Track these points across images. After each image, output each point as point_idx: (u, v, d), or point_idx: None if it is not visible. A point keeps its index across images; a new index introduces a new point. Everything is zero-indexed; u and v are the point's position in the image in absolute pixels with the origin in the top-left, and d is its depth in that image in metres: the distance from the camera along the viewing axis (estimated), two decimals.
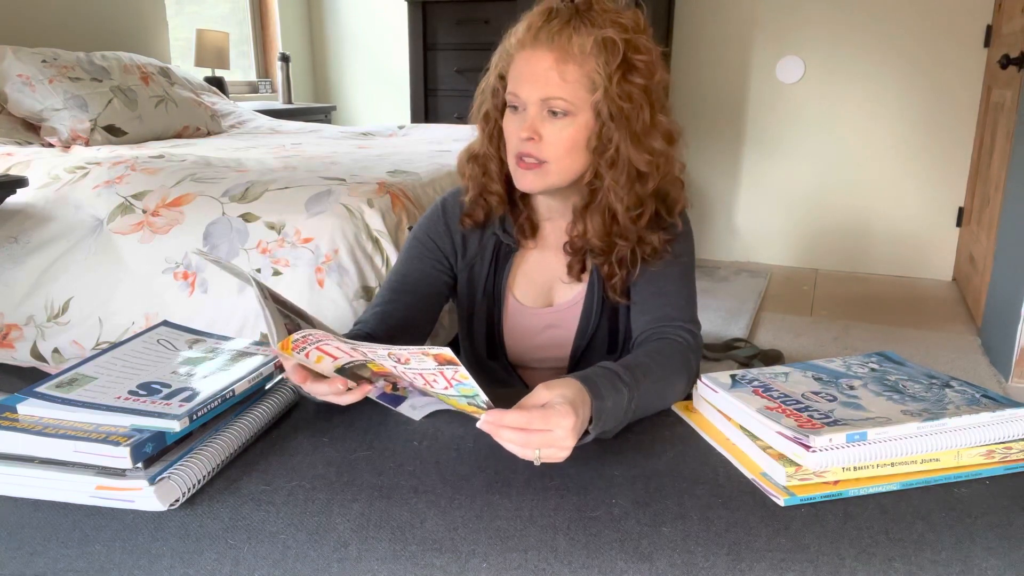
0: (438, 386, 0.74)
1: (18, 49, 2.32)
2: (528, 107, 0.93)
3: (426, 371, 0.71)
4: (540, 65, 0.91)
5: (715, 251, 3.68)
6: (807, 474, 0.70)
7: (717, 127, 3.51)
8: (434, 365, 0.69)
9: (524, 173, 0.95)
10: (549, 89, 0.91)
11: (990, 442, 0.74)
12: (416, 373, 0.73)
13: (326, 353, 0.74)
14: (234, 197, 1.56)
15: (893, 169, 3.29)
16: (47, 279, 1.60)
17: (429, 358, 0.68)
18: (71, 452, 0.69)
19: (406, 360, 0.70)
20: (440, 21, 3.23)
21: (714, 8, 3.38)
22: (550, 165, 0.94)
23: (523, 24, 0.95)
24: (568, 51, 0.90)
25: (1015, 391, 2.13)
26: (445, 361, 0.68)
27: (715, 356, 2.35)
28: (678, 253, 1.02)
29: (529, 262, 1.09)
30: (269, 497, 0.71)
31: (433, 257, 1.08)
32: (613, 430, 0.80)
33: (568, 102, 0.91)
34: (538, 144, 0.93)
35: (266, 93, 3.97)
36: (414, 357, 0.69)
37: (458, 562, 0.62)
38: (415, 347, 0.68)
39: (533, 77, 0.91)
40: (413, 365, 0.71)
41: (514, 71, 0.94)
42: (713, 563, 0.62)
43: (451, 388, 0.73)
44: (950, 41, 3.08)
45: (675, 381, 0.90)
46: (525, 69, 0.92)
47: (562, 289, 1.08)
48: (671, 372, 0.90)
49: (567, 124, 0.92)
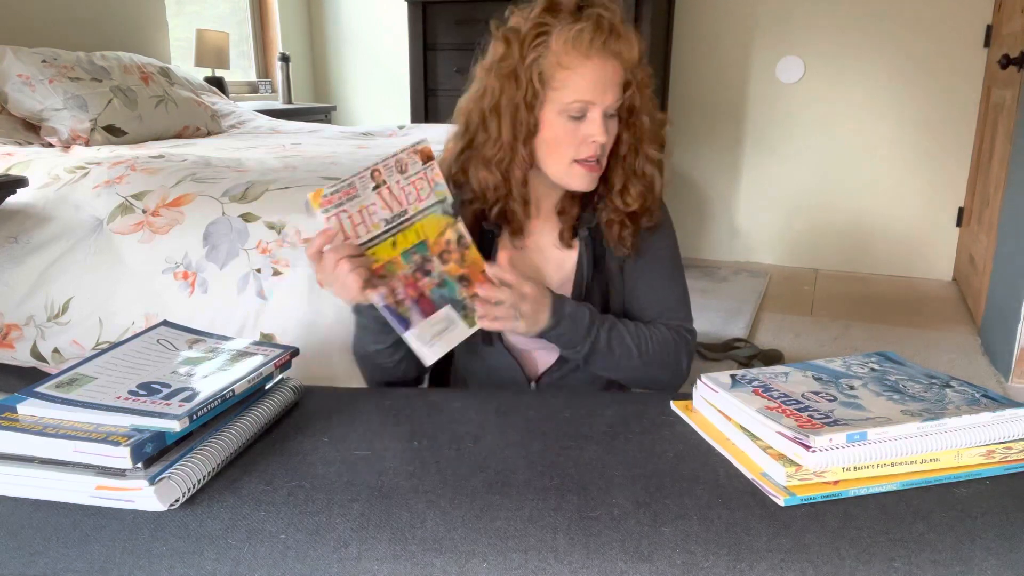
0: (424, 201, 0.94)
1: (18, 49, 2.32)
2: (595, 113, 0.99)
3: (416, 177, 0.93)
4: (615, 73, 0.99)
5: (715, 251, 3.67)
6: (807, 474, 0.70)
7: (717, 127, 3.51)
8: (420, 166, 0.93)
9: (590, 175, 1.03)
10: (620, 93, 1.00)
11: (990, 442, 0.74)
12: (402, 187, 0.92)
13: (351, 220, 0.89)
14: (234, 197, 1.56)
15: (893, 169, 3.29)
16: (47, 279, 1.60)
17: (416, 158, 0.93)
18: (71, 452, 0.69)
19: (399, 165, 0.92)
20: (440, 21, 3.23)
21: (714, 8, 3.38)
22: (603, 160, 1.04)
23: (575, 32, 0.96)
24: (630, 60, 1.00)
25: (1015, 391, 2.13)
26: (427, 158, 0.94)
27: (715, 356, 2.35)
28: (663, 246, 1.12)
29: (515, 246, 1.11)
30: (269, 497, 0.71)
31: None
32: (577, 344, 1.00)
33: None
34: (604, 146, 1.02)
35: (266, 93, 3.97)
36: (403, 159, 0.92)
37: (458, 562, 0.62)
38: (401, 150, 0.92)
39: (607, 86, 0.98)
40: (408, 174, 0.93)
41: (583, 81, 0.97)
42: (713, 563, 0.62)
43: (431, 196, 0.94)
44: (950, 41, 3.08)
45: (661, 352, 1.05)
46: (601, 79, 0.98)
47: (550, 274, 1.11)
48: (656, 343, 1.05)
49: (616, 121, 1.03)
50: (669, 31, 3.36)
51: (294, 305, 1.43)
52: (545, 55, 0.97)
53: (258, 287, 1.45)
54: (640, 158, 1.06)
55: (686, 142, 3.56)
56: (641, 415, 0.89)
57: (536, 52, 0.98)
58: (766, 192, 3.52)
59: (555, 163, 1.02)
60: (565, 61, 0.97)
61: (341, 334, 1.40)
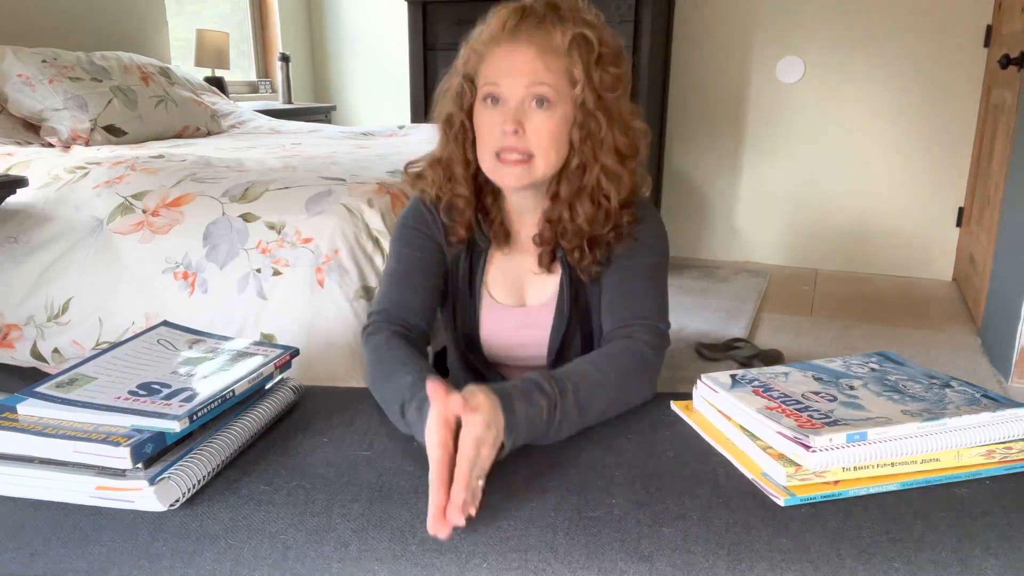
0: None
1: (18, 49, 2.32)
2: (510, 100, 0.94)
3: None
4: (523, 57, 0.93)
5: (715, 251, 3.67)
6: (807, 474, 0.70)
7: (717, 127, 3.51)
8: None
9: (509, 169, 0.96)
10: (535, 76, 0.93)
11: (990, 442, 0.74)
12: None
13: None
14: (234, 197, 1.56)
15: (893, 169, 3.29)
16: (47, 279, 1.60)
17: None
18: (71, 452, 0.69)
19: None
20: (440, 21, 3.23)
21: (714, 8, 3.38)
22: (537, 159, 0.96)
23: (494, 22, 0.97)
24: (549, 45, 0.93)
25: (1015, 391, 2.13)
26: None
27: (715, 356, 2.35)
28: (649, 252, 1.04)
29: (502, 260, 1.10)
30: (269, 497, 0.71)
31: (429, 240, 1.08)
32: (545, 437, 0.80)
33: (553, 89, 0.93)
34: (523, 137, 0.94)
35: (266, 93, 3.97)
36: None
37: (458, 562, 0.62)
38: None
39: (516, 68, 0.93)
40: None
41: (491, 66, 0.95)
42: (713, 563, 0.62)
43: None
44: (950, 41, 3.08)
45: (625, 382, 0.90)
46: (506, 62, 0.94)
47: (535, 289, 1.10)
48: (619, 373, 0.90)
49: (551, 115, 0.94)
50: (669, 31, 3.36)
51: (294, 305, 1.43)
52: (474, 50, 0.98)
53: (258, 287, 1.45)
54: (594, 169, 0.97)
55: (686, 142, 3.56)
56: (641, 415, 0.89)
57: (469, 48, 0.99)
58: (766, 192, 3.52)
59: (483, 158, 0.99)
60: (481, 50, 0.97)
61: (341, 334, 1.40)
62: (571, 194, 1.00)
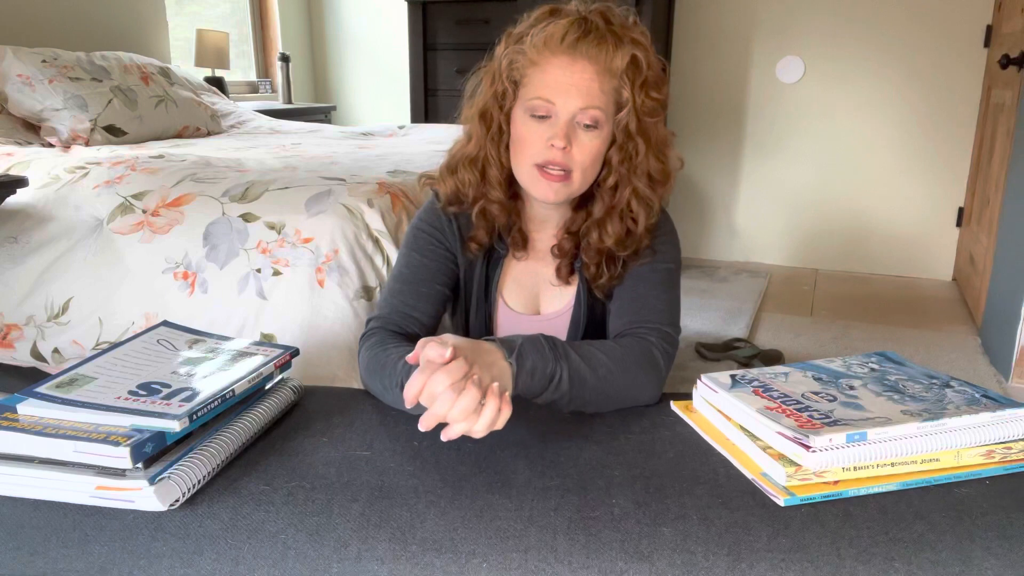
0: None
1: (18, 49, 2.32)
2: (561, 116, 0.93)
3: None
4: (581, 76, 0.92)
5: (715, 251, 3.67)
6: (807, 474, 0.70)
7: (717, 127, 3.51)
8: None
9: (548, 183, 0.96)
10: (591, 100, 0.93)
11: (990, 442, 0.74)
12: None
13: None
14: (234, 197, 1.56)
15: (893, 169, 3.29)
16: (47, 279, 1.60)
17: None
18: (71, 452, 0.69)
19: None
20: (440, 21, 3.23)
21: (714, 8, 3.38)
22: (575, 175, 0.96)
23: (552, 29, 0.93)
24: (606, 66, 0.93)
25: (1015, 391, 2.13)
26: None
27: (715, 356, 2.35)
28: (663, 258, 1.03)
29: (518, 268, 1.09)
30: (269, 497, 0.71)
31: (441, 246, 1.06)
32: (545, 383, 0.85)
33: (604, 113, 0.94)
34: (568, 154, 0.94)
35: (266, 93, 3.97)
36: None
37: (458, 562, 0.62)
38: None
39: (573, 87, 0.92)
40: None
41: (545, 78, 0.93)
42: (713, 563, 0.62)
43: None
44: (950, 41, 3.08)
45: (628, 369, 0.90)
46: (564, 78, 0.92)
47: (550, 298, 1.09)
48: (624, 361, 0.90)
49: (595, 136, 0.95)
50: (669, 31, 3.36)
51: (294, 305, 1.43)
52: (522, 53, 0.96)
53: (258, 287, 1.45)
54: (626, 191, 0.98)
55: (686, 142, 3.56)
56: (641, 415, 0.89)
57: (516, 50, 0.97)
58: (766, 192, 3.52)
59: (520, 165, 0.98)
60: (534, 57, 0.94)
61: (341, 334, 1.40)
62: (604, 212, 1.00)
